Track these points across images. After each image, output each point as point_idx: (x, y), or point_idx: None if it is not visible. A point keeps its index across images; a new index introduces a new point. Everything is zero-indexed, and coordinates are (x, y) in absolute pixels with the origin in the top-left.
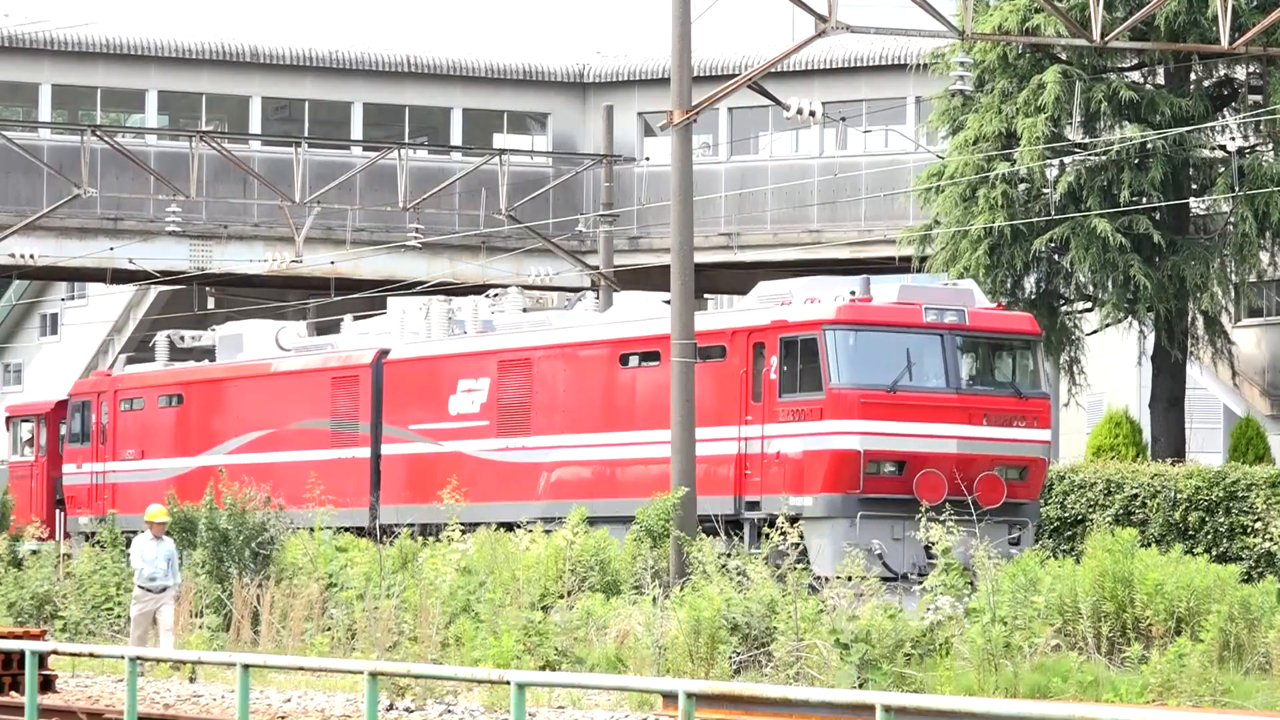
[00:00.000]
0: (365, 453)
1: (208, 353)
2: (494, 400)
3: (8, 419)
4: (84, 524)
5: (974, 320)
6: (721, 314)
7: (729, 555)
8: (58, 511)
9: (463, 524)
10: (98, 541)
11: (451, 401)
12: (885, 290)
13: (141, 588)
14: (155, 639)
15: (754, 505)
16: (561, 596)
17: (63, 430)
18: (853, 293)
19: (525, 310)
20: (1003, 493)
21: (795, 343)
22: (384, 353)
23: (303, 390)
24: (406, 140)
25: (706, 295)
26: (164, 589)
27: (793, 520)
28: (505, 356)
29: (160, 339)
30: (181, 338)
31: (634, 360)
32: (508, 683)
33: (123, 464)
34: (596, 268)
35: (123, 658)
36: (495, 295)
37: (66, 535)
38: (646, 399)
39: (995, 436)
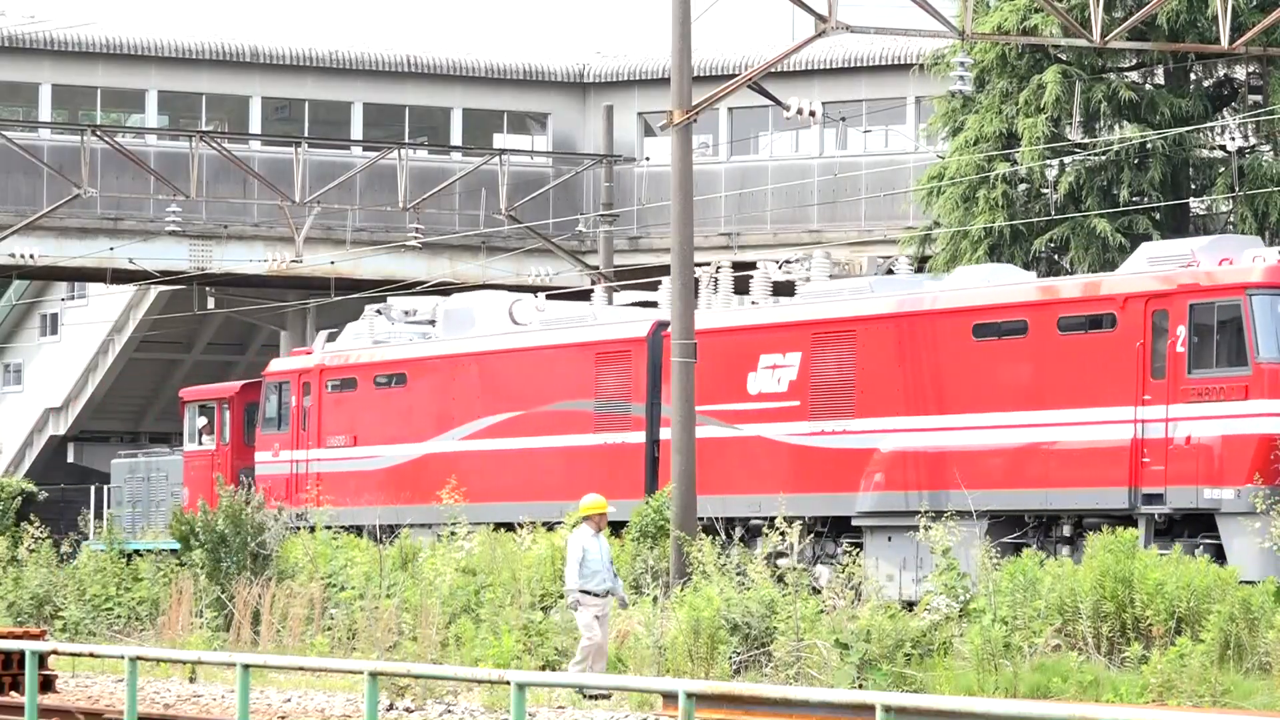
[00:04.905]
0: (639, 437)
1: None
2: (806, 378)
3: (183, 404)
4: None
5: None
6: (1108, 277)
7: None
8: None
9: (762, 517)
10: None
11: (751, 379)
12: None
13: (586, 592)
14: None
15: (1154, 498)
16: (562, 596)
17: (254, 415)
18: None
19: (832, 277)
20: None
21: (1211, 309)
22: (662, 325)
23: (558, 368)
24: (406, 140)
25: None
26: (608, 593)
27: (1207, 515)
28: (821, 328)
29: (369, 314)
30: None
31: (993, 332)
32: (508, 683)
33: (330, 451)
34: (596, 267)
35: (123, 658)
36: (793, 261)
37: None
38: (1007, 376)
39: None
